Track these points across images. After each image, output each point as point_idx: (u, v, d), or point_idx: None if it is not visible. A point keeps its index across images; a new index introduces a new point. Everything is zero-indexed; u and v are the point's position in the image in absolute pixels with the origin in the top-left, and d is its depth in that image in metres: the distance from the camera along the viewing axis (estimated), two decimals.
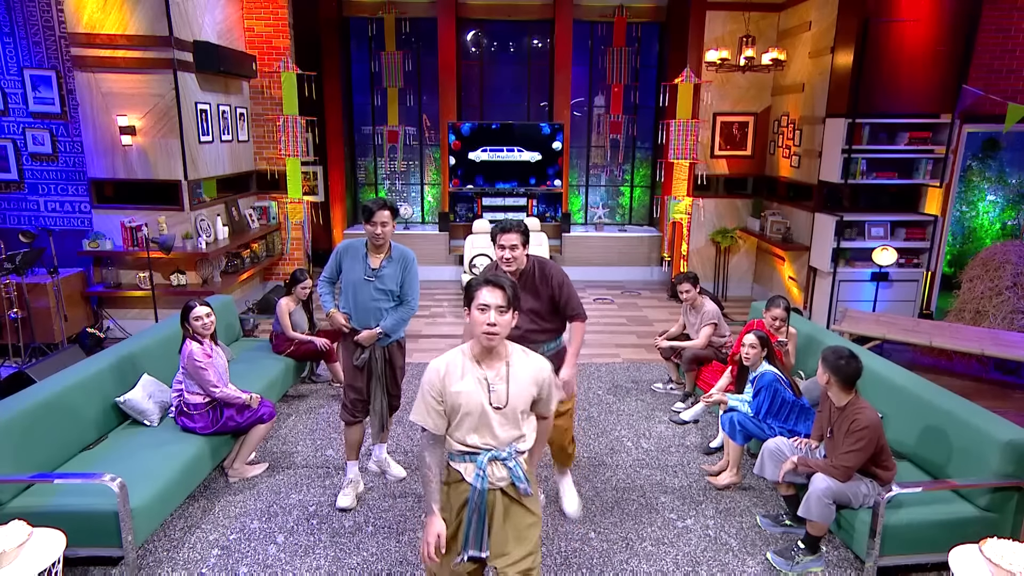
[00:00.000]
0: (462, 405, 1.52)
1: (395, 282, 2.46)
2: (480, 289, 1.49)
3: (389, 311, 2.47)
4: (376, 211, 2.34)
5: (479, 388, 1.51)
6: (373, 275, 2.45)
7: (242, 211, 5.16)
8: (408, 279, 2.47)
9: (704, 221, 5.69)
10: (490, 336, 1.46)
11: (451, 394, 1.52)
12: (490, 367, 1.52)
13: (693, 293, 3.39)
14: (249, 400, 2.63)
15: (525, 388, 1.53)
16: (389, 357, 2.55)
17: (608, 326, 4.92)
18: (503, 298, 1.48)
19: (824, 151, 4.56)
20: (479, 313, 1.47)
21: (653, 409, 3.44)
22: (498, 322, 1.46)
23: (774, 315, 2.93)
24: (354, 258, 2.45)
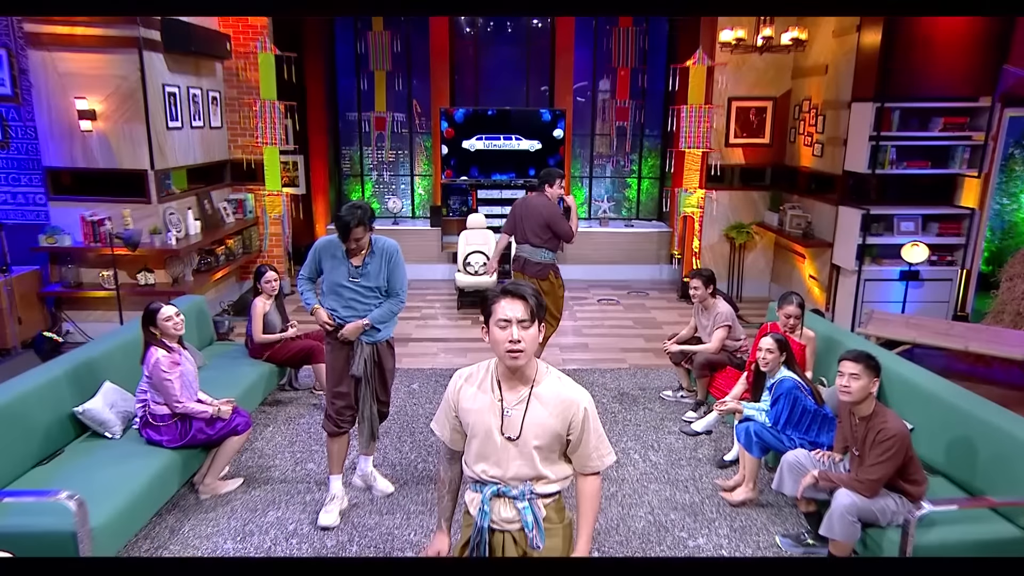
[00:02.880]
0: (470, 426, 1.50)
1: (381, 277, 2.47)
2: (498, 302, 1.41)
3: (376, 305, 2.49)
4: (351, 230, 2.34)
5: (491, 411, 1.46)
6: (357, 274, 2.46)
7: (215, 204, 5.12)
8: (394, 271, 2.47)
9: (717, 215, 5.66)
10: (515, 355, 1.39)
11: (463, 410, 1.51)
12: (511, 389, 1.46)
13: (703, 292, 3.38)
14: (217, 412, 2.61)
15: (546, 421, 1.44)
16: (378, 358, 2.54)
17: (613, 329, 4.93)
18: (525, 310, 1.39)
19: (849, 138, 4.52)
20: (499, 330, 1.39)
21: (662, 419, 3.44)
22: (523, 338, 1.38)
23: (787, 313, 2.92)
24: (334, 257, 2.45)
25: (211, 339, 3.74)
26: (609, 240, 6.34)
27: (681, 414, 3.48)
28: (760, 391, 2.76)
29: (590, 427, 1.48)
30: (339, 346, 2.51)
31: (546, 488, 1.48)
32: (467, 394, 1.51)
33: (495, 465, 1.48)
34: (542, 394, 1.47)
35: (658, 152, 6.74)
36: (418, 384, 3.84)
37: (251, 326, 3.40)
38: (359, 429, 2.61)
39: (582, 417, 1.46)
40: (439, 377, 3.93)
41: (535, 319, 1.41)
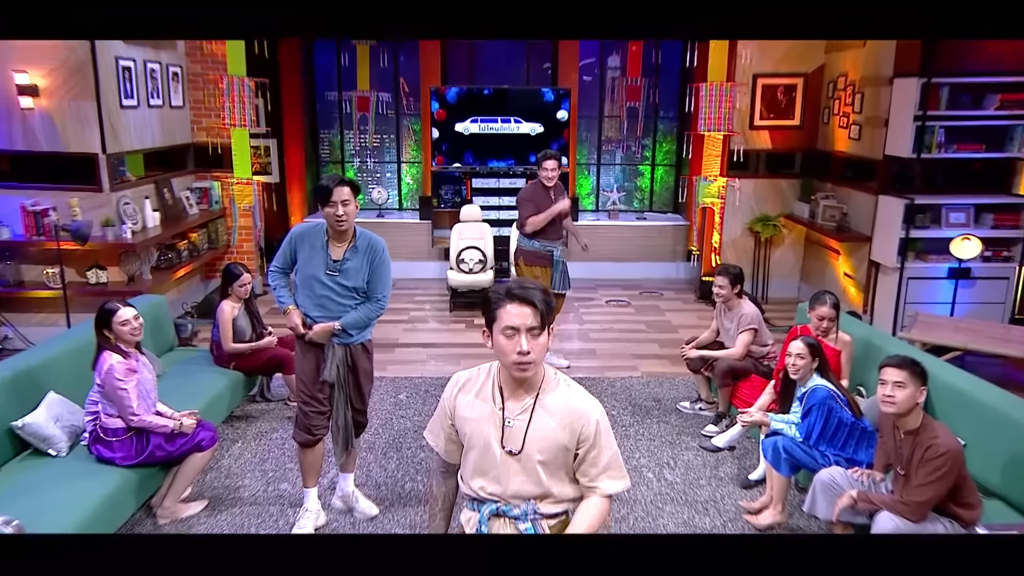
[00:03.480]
0: (468, 436, 1.50)
1: (361, 277, 2.45)
2: (503, 307, 1.39)
3: (353, 307, 2.47)
4: (334, 188, 2.32)
5: (491, 420, 1.46)
6: (336, 268, 2.43)
7: (177, 193, 5.10)
8: (377, 271, 2.46)
9: (741, 206, 5.64)
10: (523, 367, 1.39)
11: (459, 418, 1.51)
12: (514, 397, 1.46)
13: (728, 291, 3.37)
14: (179, 426, 2.59)
15: (552, 434, 1.43)
16: (352, 361, 2.53)
17: (624, 333, 4.92)
18: (535, 317, 1.38)
19: (891, 119, 4.49)
20: (505, 339, 1.39)
21: (679, 433, 3.44)
22: (532, 348, 1.38)
23: (820, 314, 2.88)
24: (312, 246, 2.43)
25: (172, 344, 3.72)
26: (619, 234, 6.34)
27: (700, 428, 3.47)
28: (789, 401, 2.74)
29: (602, 443, 1.46)
30: (309, 348, 2.49)
31: (551, 508, 1.47)
32: (465, 401, 1.51)
33: (494, 481, 1.47)
34: (549, 404, 1.46)
35: (674, 136, 6.73)
36: (406, 394, 3.84)
37: (218, 333, 3.38)
38: (333, 438, 2.58)
39: (593, 431, 1.45)
40: (429, 386, 3.93)
41: (545, 325, 1.40)
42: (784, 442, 2.60)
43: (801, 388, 2.66)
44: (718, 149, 5.38)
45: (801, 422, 2.61)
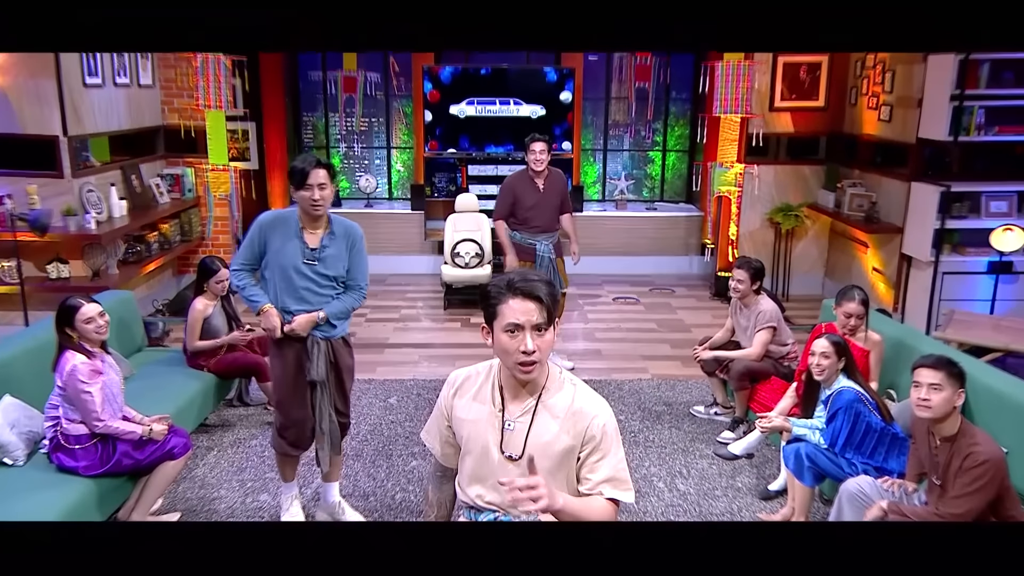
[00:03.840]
0: (465, 440, 1.50)
1: (342, 265, 2.46)
2: (505, 302, 1.38)
3: (334, 298, 2.49)
4: (310, 170, 2.32)
5: (490, 423, 1.47)
6: (314, 257, 2.43)
7: (146, 180, 5.08)
8: (357, 259, 2.48)
9: (760, 195, 5.63)
10: (527, 369, 1.39)
11: (457, 420, 1.52)
12: (516, 399, 1.46)
13: (747, 286, 3.36)
14: (149, 433, 2.57)
15: (555, 437, 1.43)
16: (334, 357, 2.54)
17: (632, 333, 4.94)
18: (540, 312, 1.37)
19: (925, 99, 4.45)
20: (507, 338, 1.38)
21: (692, 439, 3.44)
22: (538, 347, 1.37)
23: (847, 311, 2.86)
24: (285, 235, 2.41)
25: (141, 344, 3.71)
26: (627, 226, 6.33)
27: (716, 434, 3.47)
28: (813, 405, 2.72)
29: (607, 448, 1.45)
30: (287, 347, 2.48)
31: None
32: (463, 401, 1.52)
33: (493, 489, 1.47)
34: (552, 405, 1.46)
35: (687, 119, 6.72)
36: (396, 398, 3.83)
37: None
38: (318, 445, 2.59)
39: (599, 434, 1.45)
40: (421, 390, 3.94)
41: (551, 321, 1.39)
42: (807, 449, 2.59)
43: (826, 390, 2.65)
44: (735, 133, 5.37)
45: (826, 427, 2.60)
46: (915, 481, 2.33)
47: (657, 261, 6.33)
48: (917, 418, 2.19)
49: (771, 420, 2.74)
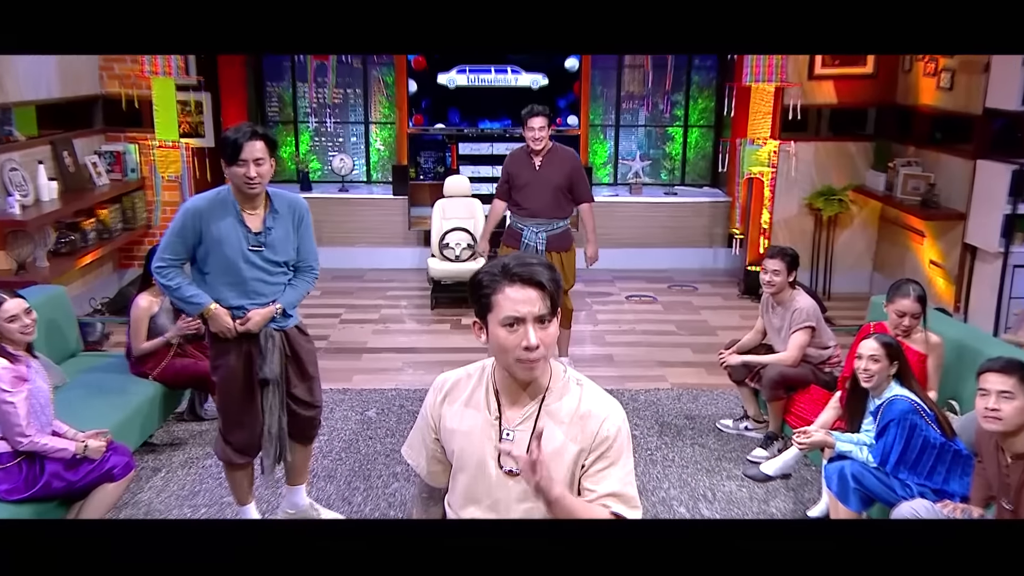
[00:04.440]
0: (456, 454, 1.51)
1: (291, 247, 2.49)
2: (500, 292, 1.37)
3: (287, 285, 2.55)
4: (244, 143, 2.31)
5: (485, 433, 1.46)
6: (260, 242, 2.44)
7: (81, 158, 5.03)
8: (306, 236, 2.53)
9: (798, 177, 5.61)
10: (529, 366, 1.38)
11: (446, 432, 1.52)
12: (515, 403, 1.45)
13: (783, 279, 3.34)
14: (83, 450, 2.54)
15: (562, 447, 1.43)
16: (291, 347, 2.58)
17: (648, 336, 4.95)
18: (543, 301, 1.36)
19: (994, 63, 4.42)
20: (505, 332, 1.37)
21: (719, 458, 3.44)
22: (541, 342, 1.36)
23: (901, 309, 2.84)
24: (222, 221, 2.40)
25: (75, 349, 3.69)
26: (642, 214, 6.33)
27: (746, 451, 3.47)
28: (860, 417, 2.71)
29: (618, 456, 1.44)
30: (234, 345, 2.48)
31: None
32: (452, 409, 1.52)
33: (490, 510, 1.47)
34: (556, 409, 1.46)
35: (712, 90, 6.70)
36: (376, 410, 3.84)
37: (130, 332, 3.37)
38: (264, 453, 2.62)
39: (611, 437, 1.44)
40: (405, 400, 3.94)
41: (555, 311, 1.39)
42: (853, 468, 2.57)
43: (875, 400, 2.63)
44: (769, 105, 5.33)
45: (875, 443, 2.59)
46: (981, 506, 2.31)
47: (677, 254, 6.33)
48: (984, 432, 2.17)
49: (810, 435, 2.72)
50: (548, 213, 4.00)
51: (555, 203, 3.99)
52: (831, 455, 2.69)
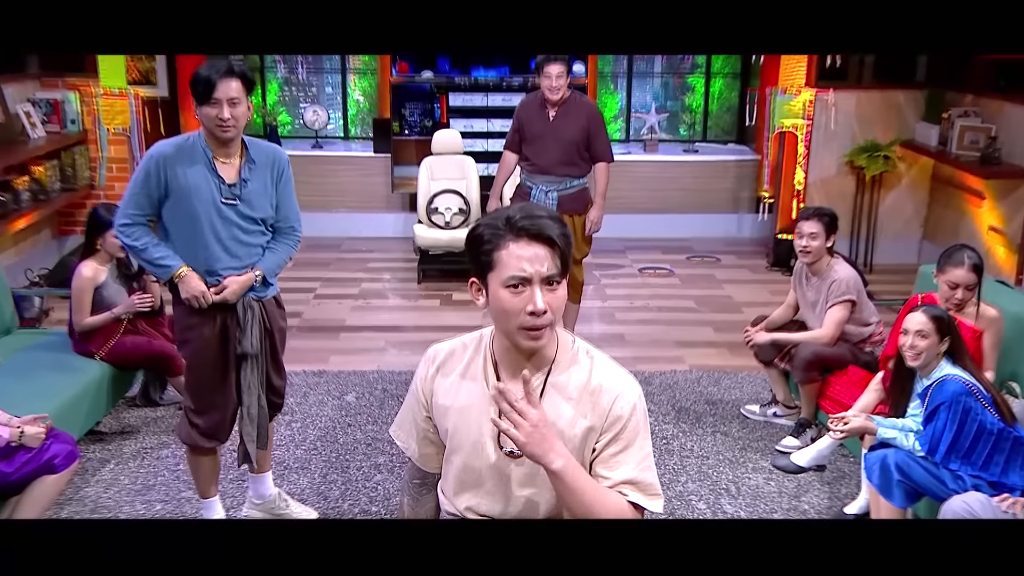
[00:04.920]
0: (450, 434, 1.52)
1: (268, 202, 2.50)
2: (504, 247, 1.37)
3: (266, 248, 2.57)
4: (218, 80, 2.30)
5: (483, 410, 1.48)
6: (234, 194, 2.44)
7: (12, 107, 4.97)
8: (285, 193, 2.54)
9: (837, 131, 5.57)
10: (536, 335, 1.39)
11: (439, 409, 1.54)
12: (515, 377, 1.45)
13: (820, 243, 3.32)
14: (19, 438, 2.52)
15: (569, 424, 1.44)
16: (267, 322, 2.61)
17: (664, 313, 4.96)
18: (552, 259, 1.37)
19: None
20: (509, 294, 1.38)
21: (744, 448, 3.45)
22: (549, 306, 1.37)
23: (953, 279, 2.84)
24: (192, 170, 2.40)
25: (10, 325, 3.69)
26: (658, 175, 6.31)
27: (775, 441, 3.47)
28: (906, 400, 2.71)
29: (634, 438, 1.44)
30: (207, 317, 2.49)
31: None
32: (446, 384, 1.53)
33: (489, 496, 1.49)
34: (564, 383, 1.46)
35: None
36: (355, 395, 3.85)
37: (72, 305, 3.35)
38: (245, 437, 2.64)
39: (625, 415, 1.44)
40: (388, 384, 3.94)
41: (566, 271, 1.40)
42: (897, 458, 2.57)
43: (924, 380, 2.63)
44: None
45: (923, 429, 2.59)
46: None
47: (697, 220, 6.31)
48: None
49: (848, 421, 2.71)
50: (560, 170, 3.97)
51: (568, 159, 3.97)
52: (872, 443, 2.69)
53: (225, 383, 2.55)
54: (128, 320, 3.39)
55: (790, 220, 5.36)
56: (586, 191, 4.09)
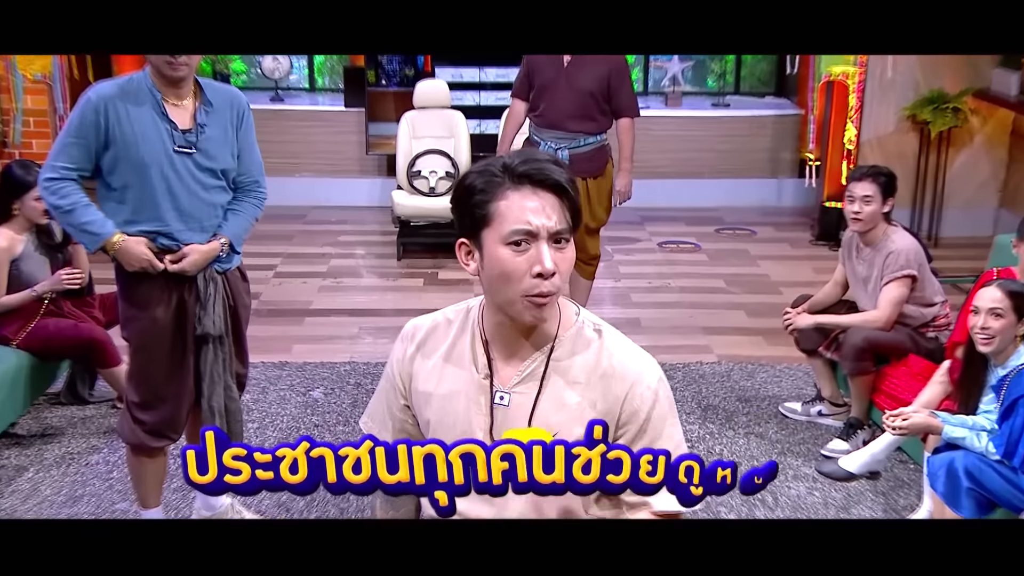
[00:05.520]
0: (431, 424, 1.53)
1: (229, 152, 2.51)
2: (503, 196, 1.38)
3: (228, 210, 2.57)
4: None
5: (471, 396, 1.49)
6: (189, 142, 2.43)
7: None
8: (247, 143, 2.57)
9: (896, 79, 5.56)
10: (541, 302, 1.38)
11: (418, 396, 1.55)
12: (511, 356, 1.48)
13: (876, 208, 3.31)
14: None
15: (577, 412, 1.45)
16: (231, 297, 2.64)
17: (689, 294, 4.98)
18: (560, 213, 1.38)
19: None
20: (510, 253, 1.37)
21: (782, 452, 3.47)
22: (557, 266, 1.37)
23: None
24: (139, 113, 2.40)
25: None
26: (682, 133, 6.31)
27: (820, 444, 3.49)
28: (977, 394, 2.73)
29: (659, 431, 1.44)
30: (160, 292, 2.49)
31: None
32: (428, 365, 1.54)
33: (478, 499, 1.43)
34: (568, 366, 1.47)
35: None
36: (323, 390, 3.88)
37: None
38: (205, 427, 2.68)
39: (643, 407, 1.44)
40: (362, 377, 3.99)
41: (576, 225, 1.42)
42: (967, 462, 2.58)
43: (998, 370, 2.64)
44: None
45: (998, 427, 2.59)
46: None
47: (729, 187, 6.32)
48: None
49: (908, 418, 2.72)
50: (573, 125, 3.97)
51: (583, 113, 3.97)
52: (936, 445, 2.71)
53: (180, 370, 2.55)
54: (51, 300, 3.37)
55: (839, 185, 5.36)
56: (604, 150, 4.08)
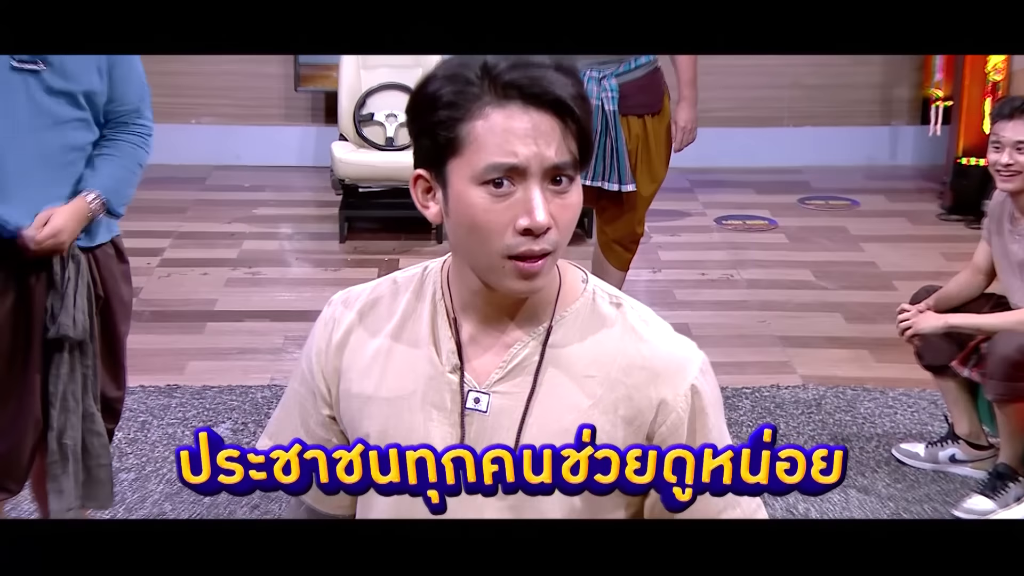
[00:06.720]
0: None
1: (96, 67, 2.58)
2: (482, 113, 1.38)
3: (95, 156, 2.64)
4: None
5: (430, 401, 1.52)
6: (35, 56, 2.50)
7: None
8: (122, 59, 2.61)
9: None
10: (530, 269, 1.40)
11: (350, 398, 1.57)
12: (489, 339, 1.51)
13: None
14: None
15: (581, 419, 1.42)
16: (102, 285, 2.69)
17: (762, 290, 5.20)
18: (561, 141, 1.38)
19: None
20: (486, 197, 1.39)
21: (898, 511, 3.56)
22: (555, 218, 1.39)
23: None
24: None
25: None
26: (754, 66, 6.35)
27: (954, 500, 3.57)
28: None
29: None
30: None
31: None
32: (365, 355, 1.55)
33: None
34: (575, 352, 1.49)
35: None
36: (230, 425, 4.03)
37: None
38: (57, 473, 2.69)
39: (684, 411, 1.45)
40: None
41: (586, 161, 1.43)
42: None
43: None
44: None
45: None
46: None
47: (819, 138, 6.47)
48: None
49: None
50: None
51: None
52: None
53: (22, 388, 2.61)
54: None
55: (980, 132, 5.44)
56: (659, 76, 4.15)
